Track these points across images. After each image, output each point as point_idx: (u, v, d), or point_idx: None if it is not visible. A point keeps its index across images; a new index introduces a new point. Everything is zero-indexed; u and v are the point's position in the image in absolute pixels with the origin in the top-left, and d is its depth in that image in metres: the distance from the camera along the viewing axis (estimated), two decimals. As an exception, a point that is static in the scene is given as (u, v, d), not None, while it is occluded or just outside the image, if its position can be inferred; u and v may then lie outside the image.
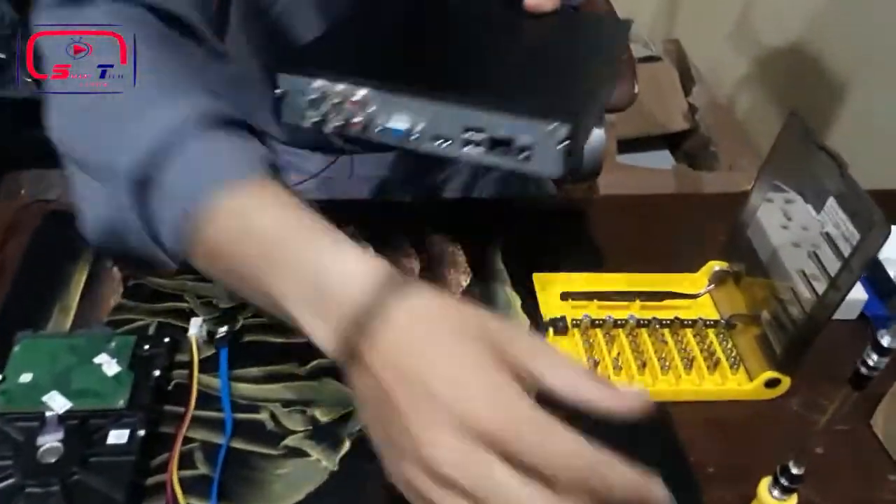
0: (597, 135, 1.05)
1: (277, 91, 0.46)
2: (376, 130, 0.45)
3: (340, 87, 0.45)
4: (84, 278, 0.57)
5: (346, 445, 0.47)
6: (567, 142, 0.41)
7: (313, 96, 0.45)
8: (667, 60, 1.83)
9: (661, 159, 1.79)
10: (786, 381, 0.51)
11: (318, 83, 0.45)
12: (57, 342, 0.50)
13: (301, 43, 0.62)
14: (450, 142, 0.44)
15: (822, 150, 0.48)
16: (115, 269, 0.57)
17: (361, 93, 0.45)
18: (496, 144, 0.43)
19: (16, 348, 0.49)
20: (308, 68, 0.46)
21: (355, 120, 0.45)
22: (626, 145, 1.68)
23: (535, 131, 0.42)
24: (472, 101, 0.43)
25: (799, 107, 0.55)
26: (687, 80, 1.79)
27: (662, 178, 1.57)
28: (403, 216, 0.65)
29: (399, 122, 0.45)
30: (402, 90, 0.44)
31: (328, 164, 0.70)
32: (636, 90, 1.06)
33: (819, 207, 0.51)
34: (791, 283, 0.50)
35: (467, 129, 0.44)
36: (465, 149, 0.44)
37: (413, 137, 0.45)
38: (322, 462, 0.46)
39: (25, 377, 0.47)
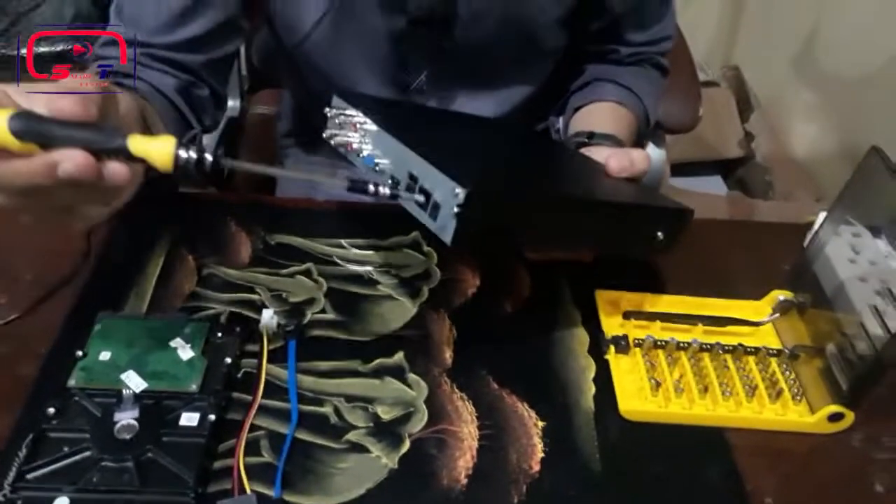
0: (658, 154, 1.05)
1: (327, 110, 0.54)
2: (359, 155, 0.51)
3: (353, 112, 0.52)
4: (160, 265, 0.59)
5: (407, 445, 0.48)
6: (460, 208, 0.42)
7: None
8: (724, 86, 1.81)
9: (714, 185, 1.77)
10: (849, 417, 0.50)
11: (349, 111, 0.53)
12: (135, 324, 0.52)
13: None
14: (397, 182, 0.48)
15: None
16: (191, 258, 0.59)
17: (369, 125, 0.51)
18: (426, 197, 0.45)
19: (97, 327, 0.51)
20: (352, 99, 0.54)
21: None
22: (678, 169, 1.66)
23: (445, 189, 0.43)
24: (421, 152, 0.46)
25: (860, 142, 0.54)
26: (745, 106, 1.77)
27: (717, 203, 1.55)
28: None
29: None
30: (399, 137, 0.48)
31: None
32: (700, 113, 1.05)
33: None
34: (859, 318, 0.50)
35: (411, 176, 0.46)
36: (403, 192, 0.46)
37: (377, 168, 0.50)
38: (383, 459, 0.47)
39: (105, 355, 0.49)
